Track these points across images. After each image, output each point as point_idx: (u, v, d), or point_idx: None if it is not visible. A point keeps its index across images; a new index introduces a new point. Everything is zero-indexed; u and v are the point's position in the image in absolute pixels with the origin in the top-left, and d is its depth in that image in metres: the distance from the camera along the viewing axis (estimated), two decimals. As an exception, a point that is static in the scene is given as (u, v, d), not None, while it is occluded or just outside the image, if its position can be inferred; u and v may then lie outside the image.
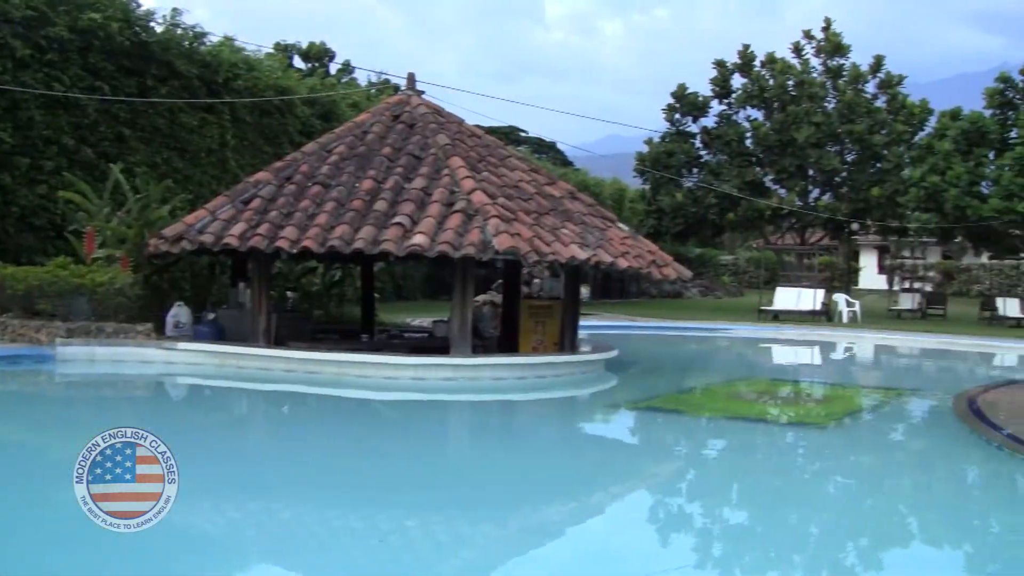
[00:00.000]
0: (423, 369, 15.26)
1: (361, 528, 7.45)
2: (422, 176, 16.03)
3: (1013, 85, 38.36)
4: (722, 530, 8.22)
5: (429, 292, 36.39)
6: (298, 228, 15.16)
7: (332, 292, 22.12)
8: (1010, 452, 11.43)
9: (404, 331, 20.14)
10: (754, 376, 20.29)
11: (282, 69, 31.24)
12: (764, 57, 43.33)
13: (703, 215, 41.56)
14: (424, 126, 17.60)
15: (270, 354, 15.75)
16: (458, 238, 14.46)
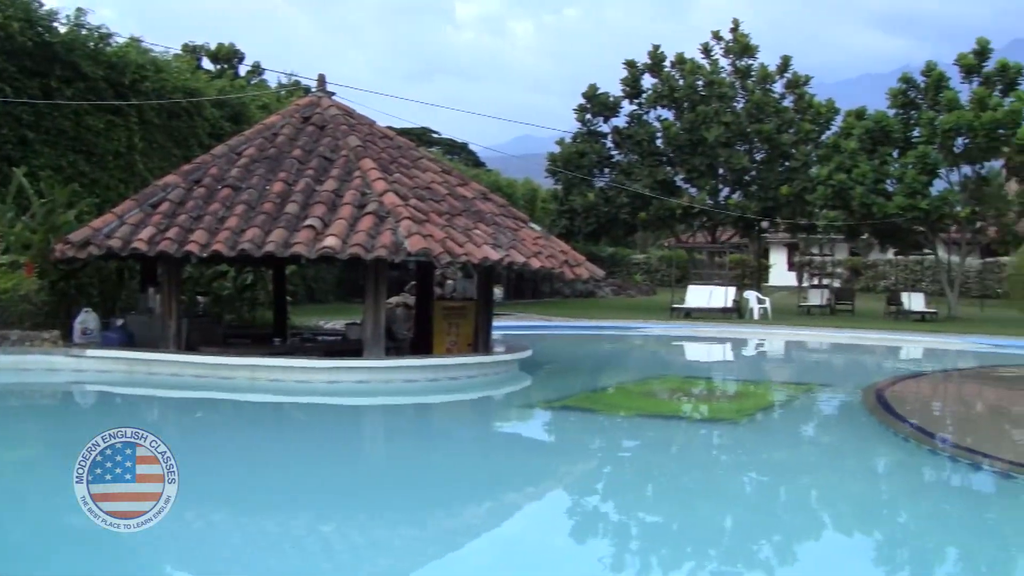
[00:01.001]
0: (336, 372, 15.17)
1: (275, 534, 7.39)
2: (333, 178, 15.93)
3: (915, 85, 39.11)
4: (639, 528, 8.28)
5: (342, 294, 36.17)
6: (208, 231, 14.98)
7: (244, 296, 21.89)
8: (917, 443, 11.67)
9: (317, 334, 20.03)
10: (667, 374, 20.45)
11: (190, 71, 30.78)
12: (674, 57, 43.66)
13: (615, 215, 41.77)
14: (335, 128, 17.50)
15: (181, 360, 15.53)
16: (370, 240, 14.39)
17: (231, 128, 27.63)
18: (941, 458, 11.16)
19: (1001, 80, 37.55)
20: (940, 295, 43.45)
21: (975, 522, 8.65)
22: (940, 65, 39.21)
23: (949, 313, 38.16)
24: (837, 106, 43.68)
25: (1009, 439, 13.07)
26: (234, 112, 30.39)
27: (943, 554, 7.73)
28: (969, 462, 10.71)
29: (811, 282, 47.53)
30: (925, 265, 56.87)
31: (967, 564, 7.49)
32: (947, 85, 38.23)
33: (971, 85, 38.03)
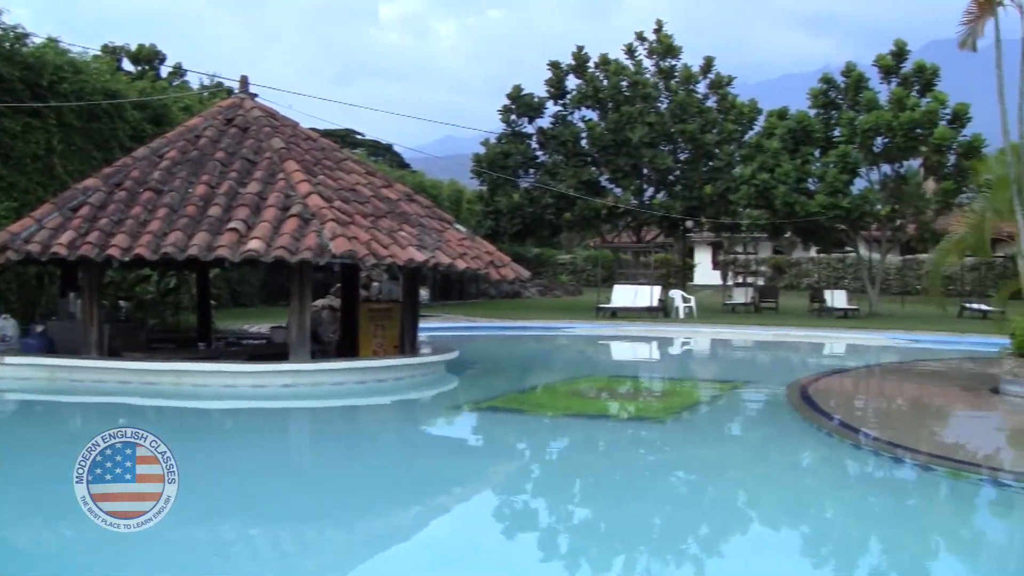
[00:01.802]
0: (262, 376, 15.06)
1: (203, 541, 7.30)
2: (257, 180, 15.82)
3: (835, 86, 39.64)
4: (568, 527, 8.30)
5: (267, 298, 35.85)
6: (129, 235, 14.79)
7: (167, 300, 21.66)
8: (840, 438, 11.85)
9: (242, 338, 19.87)
10: (594, 373, 20.53)
11: (110, 72, 30.26)
12: (598, 58, 43.78)
13: (540, 215, 41.80)
14: (258, 130, 17.37)
15: (104, 366, 15.34)
16: (294, 242, 14.31)
17: (153, 130, 27.20)
18: (864, 452, 11.35)
19: (918, 81, 38.19)
20: (862, 292, 44.03)
21: (897, 513, 8.78)
22: (859, 66, 39.73)
23: (871, 310, 38.72)
24: (759, 106, 44.07)
25: (929, 432, 13.29)
26: (156, 114, 29.94)
27: (867, 545, 7.83)
28: (891, 455, 10.89)
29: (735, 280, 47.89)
30: (847, 263, 57.66)
31: (891, 554, 7.60)
32: (866, 86, 38.80)
33: (889, 86, 38.61)
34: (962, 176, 36.87)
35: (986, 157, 30.71)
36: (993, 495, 9.53)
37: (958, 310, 38.67)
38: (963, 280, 50.32)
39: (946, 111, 37.21)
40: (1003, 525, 8.78)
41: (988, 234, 19.74)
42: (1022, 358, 15.22)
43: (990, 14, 16.84)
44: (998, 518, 9.00)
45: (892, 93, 37.67)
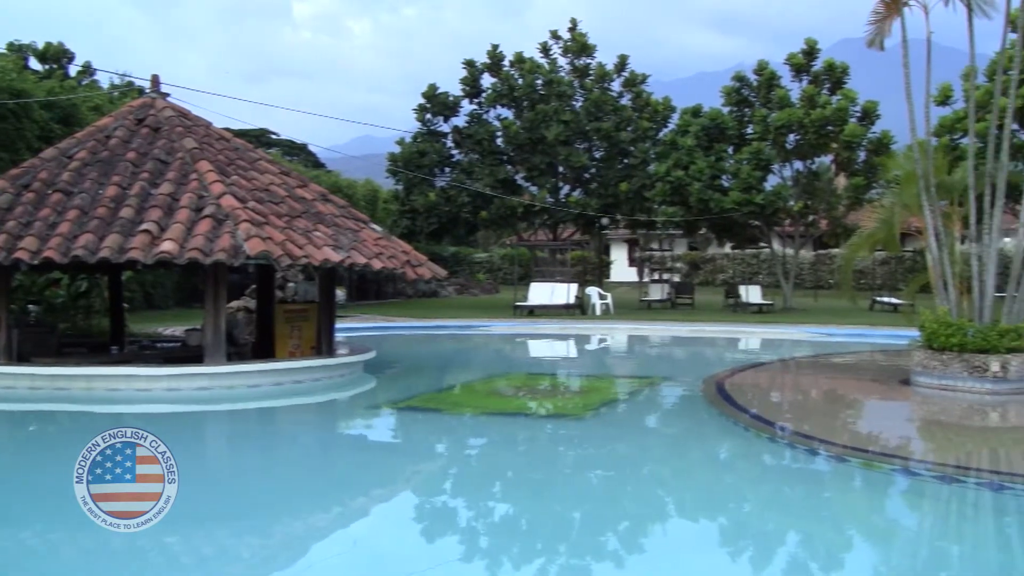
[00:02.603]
0: (176, 379, 14.88)
1: (119, 549, 7.18)
2: (169, 181, 15.61)
3: (748, 84, 40.11)
4: (488, 525, 8.29)
5: (181, 300, 35.42)
6: (38, 238, 14.51)
7: (78, 304, 21.27)
8: (756, 432, 11.98)
9: (156, 341, 19.61)
10: (512, 371, 20.53)
11: (16, 71, 29.70)
12: (513, 57, 43.81)
13: (456, 214, 41.74)
14: (170, 130, 17.14)
15: (13, 371, 15.05)
16: (208, 244, 14.15)
17: (61, 131, 26.74)
18: (780, 445, 11.50)
19: (829, 79, 38.81)
20: (776, 287, 44.62)
21: (813, 504, 8.90)
22: (771, 64, 40.23)
23: (785, 304, 39.21)
24: (674, 104, 44.47)
25: (842, 424, 13.49)
26: (64, 114, 29.43)
27: (784, 537, 7.93)
28: (806, 448, 11.05)
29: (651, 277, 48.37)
30: (761, 258, 58.36)
31: (807, 545, 7.70)
32: (778, 84, 39.35)
33: (801, 84, 39.18)
34: (872, 172, 37.59)
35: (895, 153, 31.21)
36: (905, 484, 9.70)
37: (869, 304, 39.40)
38: (874, 274, 51.24)
39: (856, 108, 37.91)
40: (915, 514, 8.93)
41: (897, 229, 20.02)
42: (931, 350, 15.52)
43: (896, 14, 17.11)
44: (910, 507, 9.15)
45: (803, 91, 38.26)
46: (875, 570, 7.11)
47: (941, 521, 8.53)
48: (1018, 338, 15.02)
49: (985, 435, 12.75)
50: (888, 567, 7.14)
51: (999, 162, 16.31)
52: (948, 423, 13.65)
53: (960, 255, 17.77)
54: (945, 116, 36.33)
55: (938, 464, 10.43)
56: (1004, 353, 14.83)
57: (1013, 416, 13.88)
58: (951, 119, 36.00)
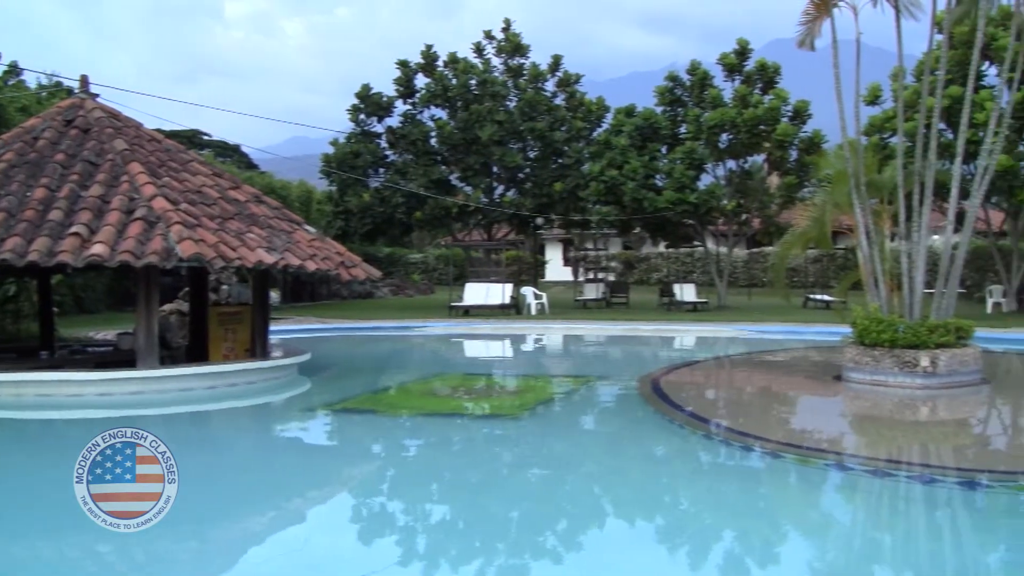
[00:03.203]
0: (108, 384, 14.69)
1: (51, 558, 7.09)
2: (99, 183, 15.41)
3: (681, 84, 40.37)
4: (426, 526, 8.27)
5: (113, 303, 34.97)
6: (-36, 242, 14.27)
7: (6, 308, 20.96)
8: (691, 429, 12.06)
9: (87, 345, 19.37)
10: (448, 372, 20.51)
11: (-60, 72, 29.27)
12: (446, 57, 43.77)
13: (391, 215, 41.60)
14: (100, 131, 16.92)
15: (-61, 377, 14.78)
16: (140, 246, 14.00)
17: (-12, 133, 26.38)
18: (715, 442, 11.58)
19: (761, 78, 39.14)
20: (710, 285, 44.95)
21: (749, 500, 8.96)
22: (704, 64, 40.51)
23: (719, 303, 39.49)
24: (607, 104, 44.66)
25: (777, 420, 13.62)
26: (-10, 116, 29.01)
27: (721, 533, 7.97)
28: (741, 444, 11.14)
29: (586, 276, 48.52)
30: (695, 257, 58.75)
31: (744, 541, 7.75)
32: (711, 84, 39.65)
33: (733, 83, 39.48)
34: (804, 171, 38.00)
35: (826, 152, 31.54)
36: (839, 479, 9.80)
37: (802, 301, 39.85)
38: (807, 272, 51.78)
39: (788, 108, 38.26)
40: (849, 508, 9.02)
41: (829, 227, 20.30)
42: (863, 346, 15.72)
43: (826, 15, 17.31)
44: (844, 501, 9.25)
45: (736, 91, 38.58)
46: (810, 564, 7.18)
47: (874, 514, 8.64)
48: (947, 334, 15.26)
49: (916, 429, 12.93)
50: (823, 561, 7.22)
51: (927, 161, 16.55)
52: (880, 418, 13.82)
53: (890, 252, 18.03)
54: (875, 115, 36.78)
55: (870, 459, 10.56)
56: (933, 348, 15.07)
57: (942, 410, 14.10)
58: (880, 118, 36.45)
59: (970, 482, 9.29)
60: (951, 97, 29.51)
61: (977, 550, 7.51)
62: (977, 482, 9.27)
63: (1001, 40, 30.25)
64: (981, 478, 9.42)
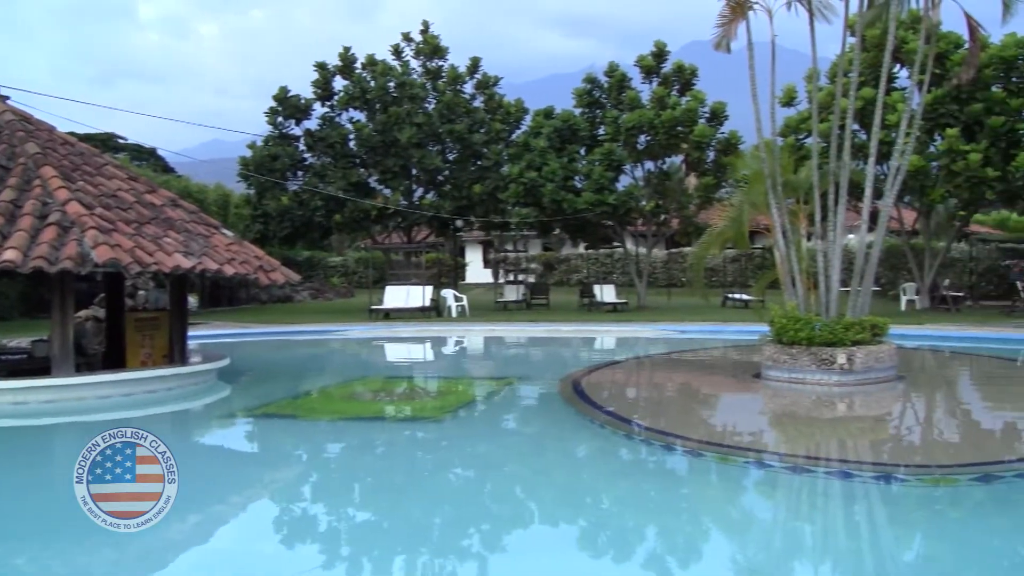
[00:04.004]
0: (22, 393, 14.42)
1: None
2: (11, 187, 15.11)
3: (599, 86, 40.63)
4: (348, 531, 8.22)
5: (27, 310, 34.36)
6: None
7: (-85, 316, 20.53)
8: (612, 429, 12.11)
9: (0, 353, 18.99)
10: (369, 376, 20.44)
11: None
12: (365, 59, 43.63)
13: (310, 218, 41.36)
14: (11, 134, 16.60)
15: None
16: (54, 252, 13.76)
17: None
18: (636, 442, 11.64)
19: (678, 80, 39.55)
20: (630, 286, 45.24)
21: (671, 499, 9.04)
22: (622, 66, 40.80)
23: (639, 303, 39.78)
24: (526, 106, 44.82)
25: (697, 419, 13.72)
26: None
27: (643, 532, 8.02)
28: (662, 444, 11.21)
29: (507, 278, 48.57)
30: (615, 258, 59.07)
31: (666, 539, 7.80)
32: (629, 85, 39.98)
33: (651, 85, 39.82)
34: (721, 172, 38.45)
35: (742, 153, 32.01)
36: (759, 476, 9.90)
37: (721, 300, 40.27)
38: (725, 271, 52.31)
39: (705, 109, 38.67)
40: (769, 504, 9.11)
41: (746, 227, 20.49)
42: (780, 344, 15.91)
43: (742, 17, 17.49)
44: (764, 498, 9.34)
45: (653, 92, 38.91)
46: (732, 560, 7.25)
47: (794, 510, 8.74)
48: (862, 331, 15.50)
49: (833, 426, 13.09)
50: (744, 556, 7.29)
51: (841, 161, 16.79)
52: (798, 415, 13.98)
53: (807, 251, 18.25)
54: (790, 117, 37.29)
55: (789, 455, 10.67)
56: (850, 346, 15.30)
57: (859, 406, 14.29)
58: (796, 120, 36.96)
59: (886, 476, 9.44)
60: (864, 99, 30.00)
61: (894, 542, 7.63)
62: (893, 476, 9.41)
63: (911, 43, 30.88)
64: (897, 472, 9.57)
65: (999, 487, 9.12)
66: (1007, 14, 17.52)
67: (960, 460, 10.41)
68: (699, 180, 40.25)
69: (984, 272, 45.97)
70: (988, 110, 32.37)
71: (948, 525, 8.08)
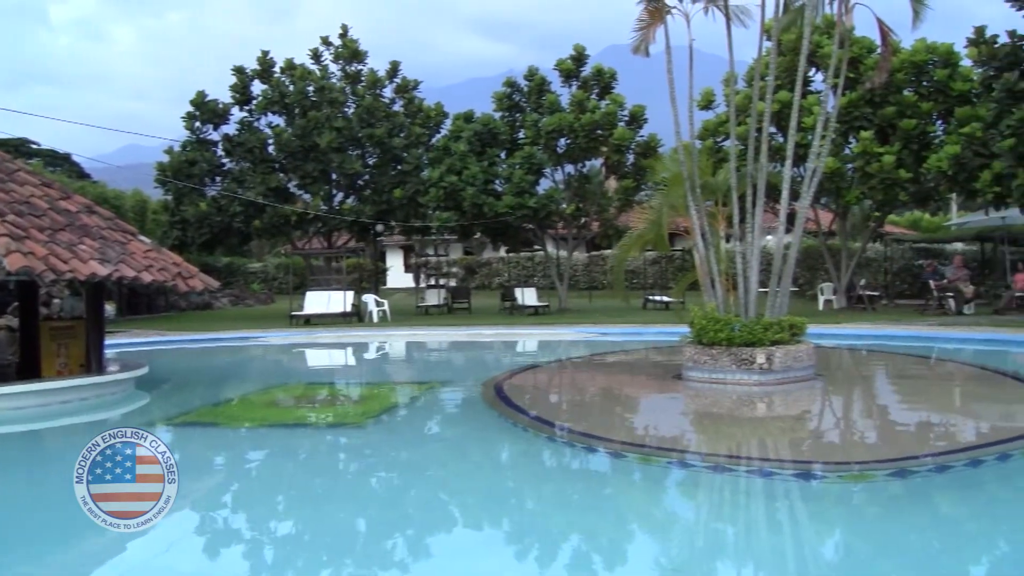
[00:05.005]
0: (-66, 403, 14.13)
1: None
2: (-81, 195, 14.83)
3: (519, 89, 40.74)
4: (272, 538, 8.14)
5: (-64, 320, 33.70)
6: None
7: None
8: (535, 432, 12.13)
9: (-90, 364, 18.60)
10: (290, 382, 20.27)
11: None
12: (283, 63, 43.37)
13: (229, 223, 40.98)
14: (-82, 141, 16.28)
15: None
16: (-35, 260, 13.50)
17: None
18: (559, 444, 11.67)
19: (597, 84, 39.81)
20: (551, 289, 45.34)
21: (594, 501, 9.05)
22: (541, 70, 40.97)
23: (560, 306, 39.93)
24: (446, 110, 44.79)
25: (619, 421, 13.78)
26: None
27: (567, 535, 8.02)
28: (585, 446, 11.25)
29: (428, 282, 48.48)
30: (536, 261, 59.22)
31: (591, 541, 7.82)
32: (548, 89, 40.15)
33: (571, 89, 40.05)
34: (641, 174, 38.74)
35: (662, 156, 32.23)
36: (681, 476, 9.97)
37: (642, 302, 40.49)
38: (646, 274, 52.64)
39: (624, 113, 38.99)
40: (691, 504, 9.18)
41: (666, 229, 20.64)
42: (701, 345, 16.05)
43: (660, 21, 17.64)
44: (686, 497, 9.41)
45: (573, 96, 39.15)
46: (656, 560, 7.29)
47: (716, 509, 8.80)
48: (781, 331, 15.69)
49: (753, 425, 13.21)
50: (668, 556, 7.34)
51: (759, 163, 16.98)
52: (719, 415, 14.10)
53: (726, 253, 18.44)
54: (708, 120, 37.73)
55: (710, 455, 10.76)
56: (769, 346, 15.47)
57: (779, 405, 14.45)
58: (714, 123, 37.39)
59: (806, 473, 9.56)
60: (780, 102, 30.47)
61: (815, 538, 7.72)
62: (812, 473, 9.54)
63: (826, 48, 31.40)
64: (816, 469, 9.70)
65: (914, 481, 9.27)
66: (917, 20, 17.85)
67: (877, 456, 10.56)
68: (619, 183, 40.53)
69: (899, 272, 46.74)
70: (900, 113, 33.04)
71: (866, 520, 8.19)
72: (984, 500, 8.92)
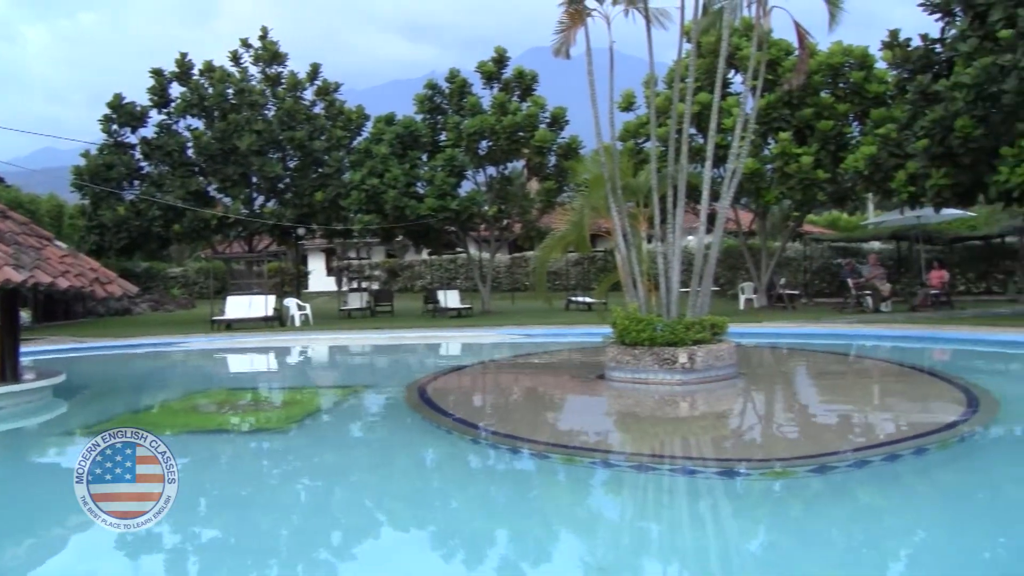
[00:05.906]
0: None
1: None
2: None
3: (441, 92, 40.75)
4: (195, 546, 8.05)
5: None
6: None
7: None
8: (459, 435, 12.13)
9: None
10: (212, 388, 20.06)
11: None
12: (202, 65, 42.95)
13: (148, 228, 40.46)
14: None
15: None
16: None
17: None
18: (483, 446, 11.67)
19: (519, 86, 39.93)
20: (474, 291, 45.43)
21: (518, 502, 9.07)
22: (463, 72, 41.01)
23: (483, 308, 39.98)
24: (367, 112, 44.67)
25: (543, 422, 13.81)
26: None
27: (493, 536, 8.03)
28: (509, 447, 11.27)
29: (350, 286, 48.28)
30: (458, 263, 59.25)
31: (516, 542, 7.83)
32: (470, 91, 40.22)
33: (492, 91, 40.12)
34: (562, 176, 38.93)
35: (583, 158, 32.39)
36: (605, 476, 10.01)
37: (565, 304, 40.66)
38: (568, 275, 52.88)
39: (545, 115, 39.17)
40: (615, 503, 9.23)
41: (588, 230, 20.75)
42: (623, 345, 16.13)
43: (581, 24, 17.72)
44: (611, 497, 9.45)
45: (495, 98, 39.23)
46: (581, 560, 7.31)
47: (640, 508, 8.85)
48: (703, 330, 15.81)
49: (676, 424, 13.31)
50: (593, 556, 7.36)
51: (679, 164, 17.11)
52: (642, 414, 14.17)
53: (647, 254, 18.56)
54: (629, 121, 37.96)
55: (634, 454, 10.83)
56: (691, 345, 15.59)
57: (701, 404, 14.56)
58: (635, 124, 37.64)
59: (729, 471, 9.64)
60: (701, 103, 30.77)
61: (739, 536, 7.79)
62: (735, 471, 9.63)
63: (744, 50, 31.79)
64: (739, 466, 9.79)
65: (834, 477, 9.39)
66: (833, 23, 18.09)
67: (798, 453, 10.67)
68: (541, 185, 40.68)
69: (818, 271, 47.40)
70: (818, 115, 33.55)
71: (789, 516, 8.29)
72: (902, 493, 9.06)
